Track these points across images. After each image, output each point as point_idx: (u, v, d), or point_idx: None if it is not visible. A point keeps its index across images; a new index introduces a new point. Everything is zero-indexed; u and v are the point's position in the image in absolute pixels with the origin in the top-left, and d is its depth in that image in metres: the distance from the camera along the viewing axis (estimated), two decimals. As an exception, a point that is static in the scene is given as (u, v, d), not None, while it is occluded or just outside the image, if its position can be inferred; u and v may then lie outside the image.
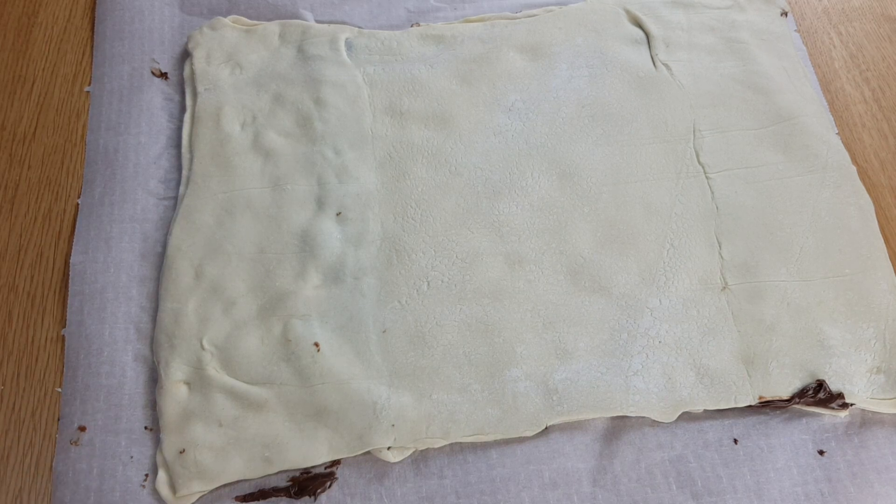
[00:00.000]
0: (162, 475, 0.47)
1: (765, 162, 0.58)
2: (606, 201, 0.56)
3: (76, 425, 0.48)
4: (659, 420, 0.49)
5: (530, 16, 0.66)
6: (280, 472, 0.47)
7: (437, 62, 0.62)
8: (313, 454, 0.47)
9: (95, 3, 0.66)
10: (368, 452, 0.48)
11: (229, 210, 0.55)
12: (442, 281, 0.53)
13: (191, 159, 0.57)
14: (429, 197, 0.56)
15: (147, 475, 0.47)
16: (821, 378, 0.50)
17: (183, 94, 0.61)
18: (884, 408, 0.50)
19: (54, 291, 0.53)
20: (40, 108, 0.61)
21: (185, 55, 0.63)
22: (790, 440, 0.49)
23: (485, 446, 0.49)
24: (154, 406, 0.49)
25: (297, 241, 0.54)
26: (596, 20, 0.65)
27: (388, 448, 0.47)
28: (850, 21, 0.69)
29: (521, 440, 0.49)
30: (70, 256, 0.54)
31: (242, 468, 0.47)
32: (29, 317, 0.53)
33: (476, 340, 0.51)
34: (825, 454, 0.49)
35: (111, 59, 0.62)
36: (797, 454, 0.49)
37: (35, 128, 0.60)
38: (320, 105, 0.59)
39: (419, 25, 0.65)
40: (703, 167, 0.58)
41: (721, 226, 0.55)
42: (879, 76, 0.66)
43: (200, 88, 0.60)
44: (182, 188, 0.56)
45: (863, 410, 0.51)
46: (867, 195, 0.58)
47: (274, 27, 0.64)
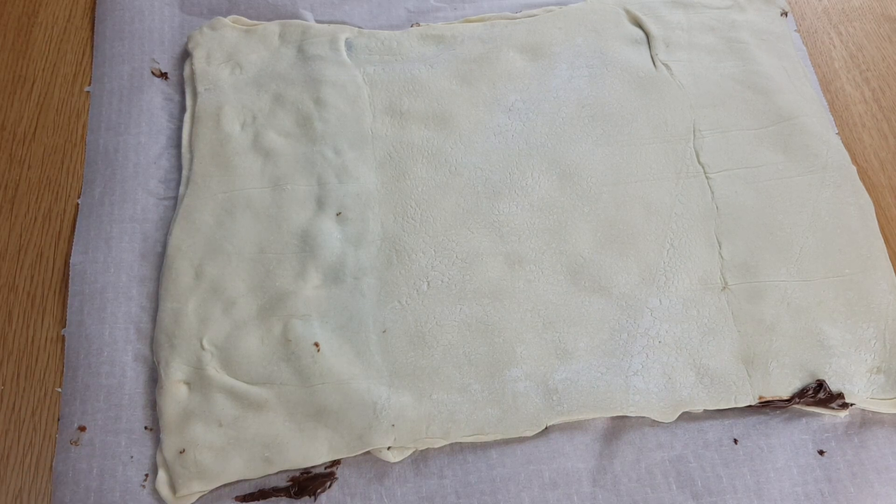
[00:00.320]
0: (162, 475, 0.47)
1: (765, 162, 0.58)
2: (606, 201, 0.56)
3: (76, 425, 0.48)
4: (659, 420, 0.49)
5: (530, 16, 0.66)
6: (280, 472, 0.47)
7: (437, 62, 0.62)
8: (313, 454, 0.47)
9: (95, 3, 0.66)
10: (368, 452, 0.48)
11: (229, 210, 0.55)
12: (442, 281, 0.53)
13: (191, 159, 0.57)
14: (429, 197, 0.56)
15: (147, 475, 0.47)
16: (821, 378, 0.50)
17: (183, 94, 0.61)
18: (884, 408, 0.50)
19: (54, 291, 0.53)
20: (40, 108, 0.61)
21: (185, 55, 0.63)
22: (790, 440, 0.49)
23: (485, 446, 0.49)
24: (154, 406, 0.49)
25: (297, 241, 0.54)
26: (596, 20, 0.65)
27: (388, 448, 0.47)
28: (850, 21, 0.69)
29: (521, 440, 0.49)
30: (70, 256, 0.54)
31: (242, 468, 0.47)
32: (29, 317, 0.52)
33: (476, 340, 0.51)
34: (825, 454, 0.49)
35: (111, 59, 0.62)
36: (797, 454, 0.49)
37: (35, 128, 0.60)
38: (320, 105, 0.59)
39: (419, 25, 0.65)
40: (703, 167, 0.58)
41: (721, 226, 0.55)
42: (879, 76, 0.66)
43: (200, 88, 0.60)
44: (182, 188, 0.56)
45: (863, 410, 0.51)
46: (867, 195, 0.58)
47: (274, 27, 0.64)
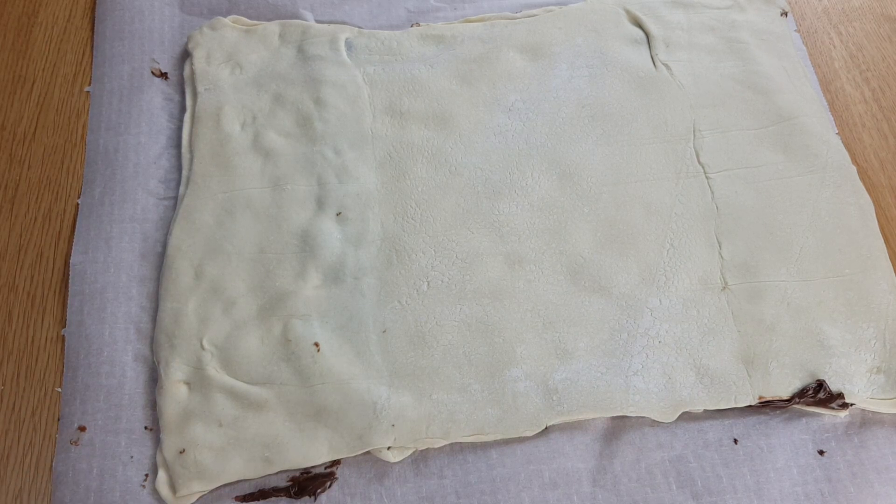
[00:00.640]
0: (162, 475, 0.47)
1: (765, 162, 0.58)
2: (606, 201, 0.56)
3: (76, 425, 0.48)
4: (659, 420, 0.49)
5: (530, 16, 0.65)
6: (280, 472, 0.47)
7: (437, 62, 0.62)
8: (313, 454, 0.47)
9: (95, 3, 0.66)
10: (368, 452, 0.48)
11: (229, 210, 0.55)
12: (442, 281, 0.53)
13: (191, 159, 0.57)
14: (429, 197, 0.56)
15: (147, 475, 0.47)
16: (821, 378, 0.50)
17: (183, 94, 0.61)
18: (884, 408, 0.50)
19: (54, 291, 0.53)
20: (40, 108, 0.61)
21: (185, 55, 0.63)
22: (790, 440, 0.49)
23: (485, 446, 0.49)
24: (154, 406, 0.49)
25: (297, 241, 0.54)
26: (596, 20, 0.65)
27: (388, 448, 0.47)
28: (850, 21, 0.69)
29: (521, 440, 0.49)
30: (70, 256, 0.54)
31: (242, 468, 0.47)
32: (29, 317, 0.52)
33: (476, 340, 0.51)
34: (825, 454, 0.49)
35: (111, 59, 0.62)
36: (797, 454, 0.49)
37: (35, 128, 0.60)
38: (320, 105, 0.59)
39: (419, 25, 0.65)
40: (703, 167, 0.58)
41: (721, 226, 0.55)
42: (879, 76, 0.66)
43: (200, 88, 0.60)
44: (182, 188, 0.56)
45: (863, 410, 0.51)
46: (867, 195, 0.58)
47: (274, 27, 0.64)
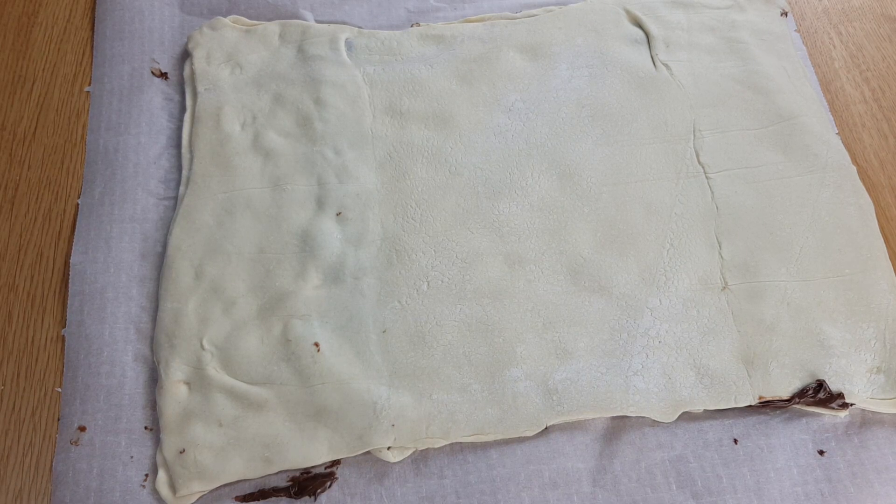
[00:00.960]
0: (162, 475, 0.47)
1: (765, 162, 0.58)
2: (606, 201, 0.56)
3: (76, 425, 0.48)
4: (659, 420, 0.49)
5: (530, 16, 0.65)
6: (280, 472, 0.47)
7: (437, 62, 0.62)
8: (313, 454, 0.47)
9: (95, 3, 0.66)
10: (368, 452, 0.48)
11: (229, 210, 0.55)
12: (442, 281, 0.53)
13: (191, 159, 0.57)
14: (429, 197, 0.56)
15: (147, 475, 0.47)
16: (821, 378, 0.50)
17: (183, 94, 0.61)
18: (884, 408, 0.50)
19: (54, 291, 0.53)
20: (40, 108, 0.61)
21: (185, 55, 0.63)
22: (790, 440, 0.49)
23: (485, 446, 0.49)
24: (154, 406, 0.49)
25: (297, 241, 0.54)
26: (596, 20, 0.65)
27: (388, 448, 0.47)
28: (850, 21, 0.69)
29: (521, 440, 0.49)
30: (70, 256, 0.54)
31: (242, 468, 0.47)
32: (29, 317, 0.52)
33: (476, 340, 0.51)
34: (825, 454, 0.49)
35: (111, 59, 0.62)
36: (797, 454, 0.49)
37: (35, 128, 0.60)
38: (320, 105, 0.59)
39: (419, 25, 0.65)
40: (703, 167, 0.58)
41: (721, 226, 0.55)
42: (879, 76, 0.66)
43: (200, 88, 0.60)
44: (182, 188, 0.56)
45: (863, 410, 0.51)
46: (867, 195, 0.58)
47: (274, 27, 0.64)
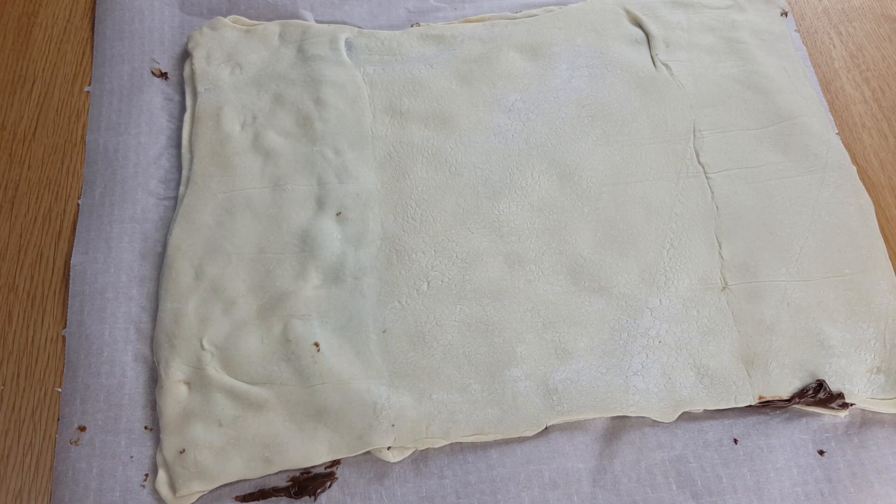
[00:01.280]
0: (162, 475, 0.47)
1: (765, 162, 0.58)
2: (606, 201, 0.56)
3: (76, 425, 0.48)
4: (659, 420, 0.49)
5: (530, 16, 0.65)
6: (280, 472, 0.47)
7: (437, 62, 0.62)
8: (313, 454, 0.47)
9: (95, 3, 0.66)
10: (368, 452, 0.48)
11: (229, 210, 0.55)
12: (442, 281, 0.53)
13: (191, 159, 0.57)
14: (429, 197, 0.56)
15: (147, 475, 0.47)
16: (821, 378, 0.50)
17: (183, 94, 0.61)
18: (884, 408, 0.50)
19: (54, 291, 0.53)
20: (40, 108, 0.61)
21: (185, 55, 0.63)
22: (790, 440, 0.49)
23: (485, 446, 0.49)
24: (154, 406, 0.49)
25: (297, 241, 0.54)
26: (596, 20, 0.65)
27: (388, 448, 0.47)
28: (850, 21, 0.69)
29: (521, 440, 0.49)
30: (70, 256, 0.54)
31: (242, 468, 0.47)
32: (29, 317, 0.52)
33: (476, 340, 0.51)
34: (825, 454, 0.49)
35: (111, 59, 0.62)
36: (797, 454, 0.49)
37: (35, 128, 0.60)
38: (320, 105, 0.59)
39: (419, 25, 0.65)
40: (703, 167, 0.58)
41: (721, 226, 0.55)
42: (879, 76, 0.66)
43: (200, 88, 0.60)
44: (182, 188, 0.56)
45: (863, 410, 0.51)
46: (867, 195, 0.58)
47: (274, 27, 0.64)
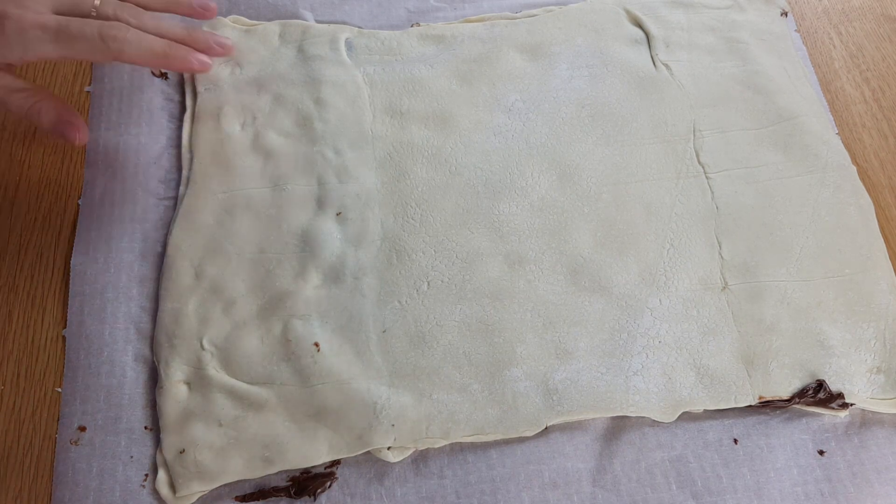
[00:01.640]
0: (162, 475, 0.47)
1: (765, 162, 0.58)
2: (606, 201, 0.56)
3: (76, 425, 0.48)
4: (659, 420, 0.49)
5: (530, 16, 0.65)
6: (280, 472, 0.47)
7: (437, 62, 0.62)
8: (313, 454, 0.47)
9: (95, 3, 0.66)
10: (368, 452, 0.48)
11: (229, 210, 0.55)
12: (442, 281, 0.53)
13: (191, 159, 0.57)
14: (429, 197, 0.56)
15: (147, 475, 0.47)
16: (821, 378, 0.50)
17: (183, 94, 0.61)
18: (884, 408, 0.50)
19: (54, 291, 0.53)
20: (40, 108, 0.61)
21: (185, 55, 0.63)
22: (790, 440, 0.49)
23: (485, 446, 0.49)
24: (154, 406, 0.49)
25: (297, 241, 0.54)
26: (596, 20, 0.65)
27: (388, 448, 0.47)
28: (850, 21, 0.69)
29: (521, 440, 0.49)
30: (70, 256, 0.54)
31: (242, 468, 0.47)
32: (29, 317, 0.52)
33: (476, 340, 0.51)
34: (825, 454, 0.49)
35: (111, 59, 0.62)
36: (797, 454, 0.49)
37: (35, 128, 0.60)
38: (320, 105, 0.59)
39: (419, 25, 0.65)
40: (704, 167, 0.58)
41: (721, 226, 0.55)
42: (879, 76, 0.66)
43: (200, 88, 0.60)
44: (182, 188, 0.56)
45: (863, 410, 0.51)
46: (867, 195, 0.58)
47: (274, 27, 0.64)
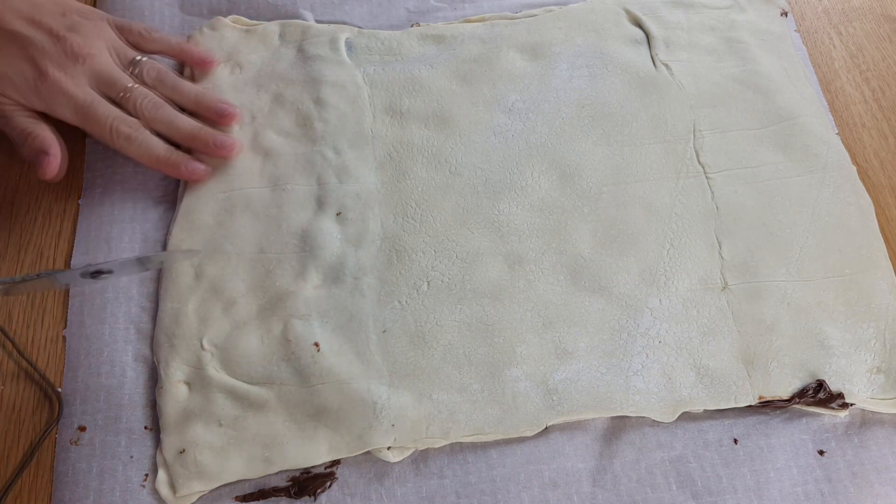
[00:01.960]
0: (162, 475, 0.47)
1: (765, 162, 0.58)
2: (606, 201, 0.56)
3: (76, 425, 0.48)
4: (659, 420, 0.49)
5: (530, 16, 0.65)
6: (280, 472, 0.47)
7: (437, 62, 0.62)
8: (313, 454, 0.47)
9: (96, 3, 0.66)
10: (368, 452, 0.48)
11: (229, 210, 0.55)
12: (442, 281, 0.53)
13: (191, 159, 0.57)
14: (429, 197, 0.56)
15: (147, 475, 0.47)
16: (821, 378, 0.50)
17: (183, 94, 0.61)
18: (884, 408, 0.50)
19: (54, 291, 0.53)
20: (40, 108, 0.61)
21: (185, 55, 0.63)
22: (790, 440, 0.49)
23: (485, 446, 0.49)
24: (154, 406, 0.49)
25: (297, 241, 0.54)
26: (596, 20, 0.65)
27: (388, 448, 0.47)
28: (850, 21, 0.69)
29: (521, 440, 0.49)
30: (70, 256, 0.54)
31: (242, 468, 0.47)
32: (29, 317, 0.52)
33: (476, 340, 0.51)
34: (825, 454, 0.49)
35: (111, 59, 0.62)
36: (797, 454, 0.49)
37: (35, 128, 0.60)
38: (320, 105, 0.59)
39: (419, 25, 0.65)
40: (703, 167, 0.58)
41: (721, 226, 0.55)
42: (879, 76, 0.66)
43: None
44: (182, 188, 0.56)
45: (863, 410, 0.51)
46: (867, 195, 0.58)
47: (274, 27, 0.64)
